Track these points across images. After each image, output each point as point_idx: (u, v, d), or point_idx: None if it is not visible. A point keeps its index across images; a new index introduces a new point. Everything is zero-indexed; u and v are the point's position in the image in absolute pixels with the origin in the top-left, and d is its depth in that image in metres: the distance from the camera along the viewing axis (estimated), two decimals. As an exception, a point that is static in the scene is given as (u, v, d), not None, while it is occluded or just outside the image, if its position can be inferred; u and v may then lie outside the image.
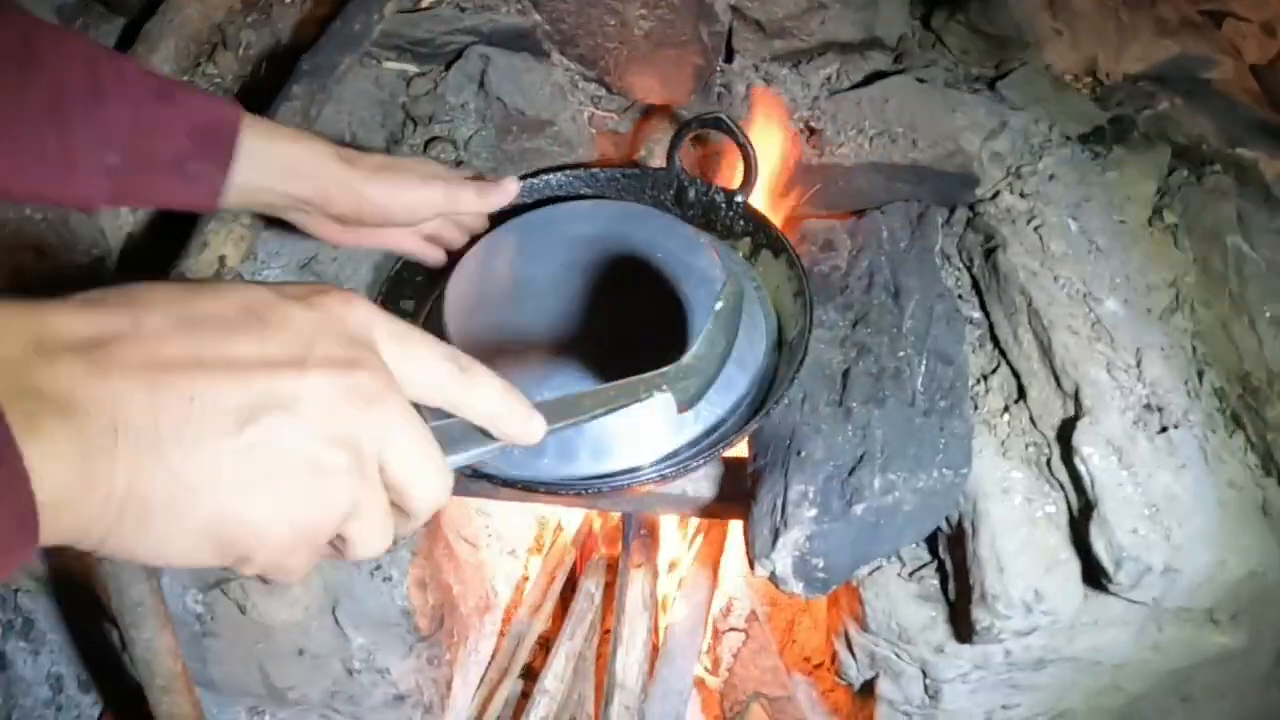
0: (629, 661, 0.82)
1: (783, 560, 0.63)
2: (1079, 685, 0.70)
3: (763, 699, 0.80)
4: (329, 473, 0.28)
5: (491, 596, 0.89)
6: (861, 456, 0.63)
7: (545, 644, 0.90)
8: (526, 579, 0.94)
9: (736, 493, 0.71)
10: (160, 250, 0.72)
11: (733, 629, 0.88)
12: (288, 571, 0.29)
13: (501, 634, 0.89)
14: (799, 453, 0.64)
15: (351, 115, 0.85)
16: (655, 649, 0.86)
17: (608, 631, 0.87)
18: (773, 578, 0.64)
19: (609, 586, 0.90)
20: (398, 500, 0.31)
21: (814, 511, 0.62)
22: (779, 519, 0.63)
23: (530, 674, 0.87)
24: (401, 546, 0.74)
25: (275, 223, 0.67)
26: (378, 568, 0.73)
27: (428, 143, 0.83)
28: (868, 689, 0.75)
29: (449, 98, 0.85)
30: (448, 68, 0.86)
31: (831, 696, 0.84)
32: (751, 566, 0.65)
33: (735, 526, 0.93)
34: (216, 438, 0.26)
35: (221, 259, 0.68)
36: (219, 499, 0.26)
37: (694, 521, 0.95)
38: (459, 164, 0.83)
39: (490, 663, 0.87)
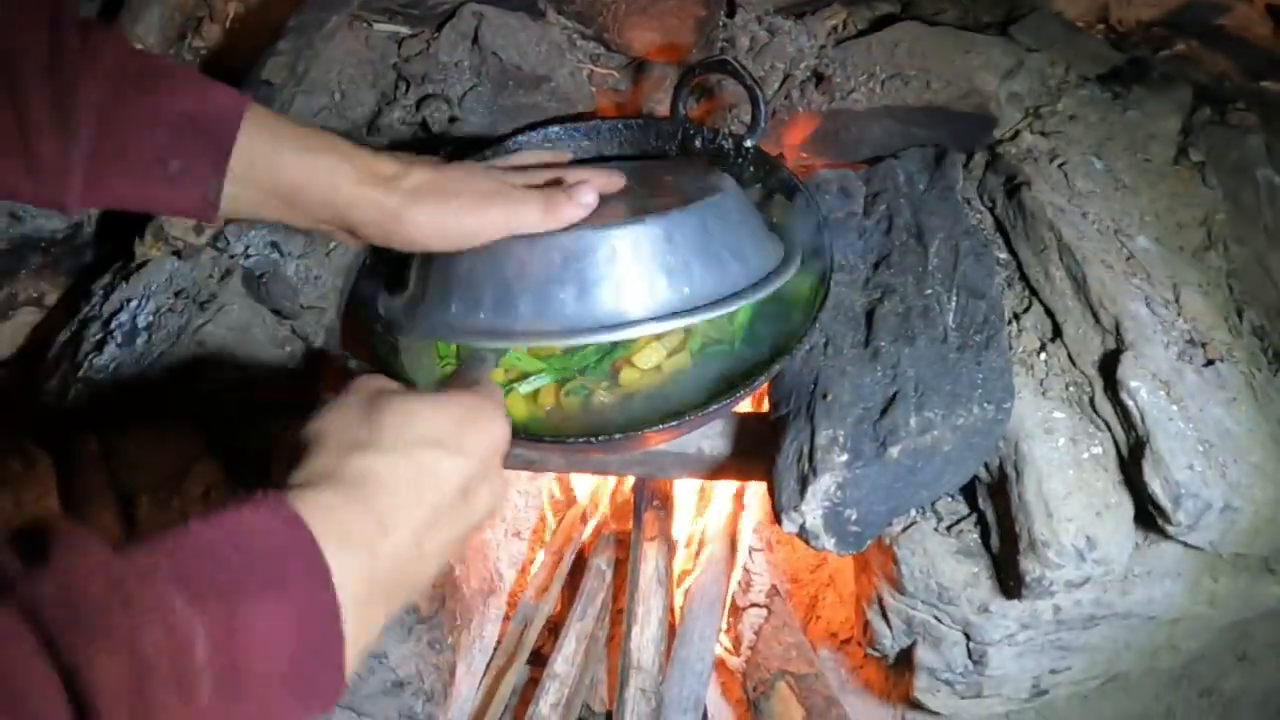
0: (644, 641, 0.77)
1: (812, 512, 0.58)
2: (1132, 645, 0.66)
3: (788, 677, 0.75)
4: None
5: (496, 579, 0.84)
6: (894, 396, 0.59)
7: (554, 627, 0.84)
8: (533, 559, 0.89)
9: (755, 450, 0.67)
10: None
11: (753, 605, 0.83)
12: None
13: (507, 618, 0.84)
14: (825, 396, 0.60)
15: (340, 74, 0.82)
16: (672, 628, 0.81)
17: (620, 611, 0.82)
18: (802, 533, 0.60)
19: (620, 563, 0.85)
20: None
21: (845, 457, 0.57)
22: (807, 467, 0.58)
23: (539, 659, 0.81)
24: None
25: None
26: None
27: (420, 101, 0.80)
28: (903, 660, 0.70)
29: (441, 57, 0.82)
30: (439, 29, 0.83)
31: (861, 673, 0.79)
32: (778, 521, 0.60)
33: (753, 496, 0.88)
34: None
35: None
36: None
37: (710, 490, 0.90)
38: (453, 121, 0.80)
39: (496, 648, 0.82)
